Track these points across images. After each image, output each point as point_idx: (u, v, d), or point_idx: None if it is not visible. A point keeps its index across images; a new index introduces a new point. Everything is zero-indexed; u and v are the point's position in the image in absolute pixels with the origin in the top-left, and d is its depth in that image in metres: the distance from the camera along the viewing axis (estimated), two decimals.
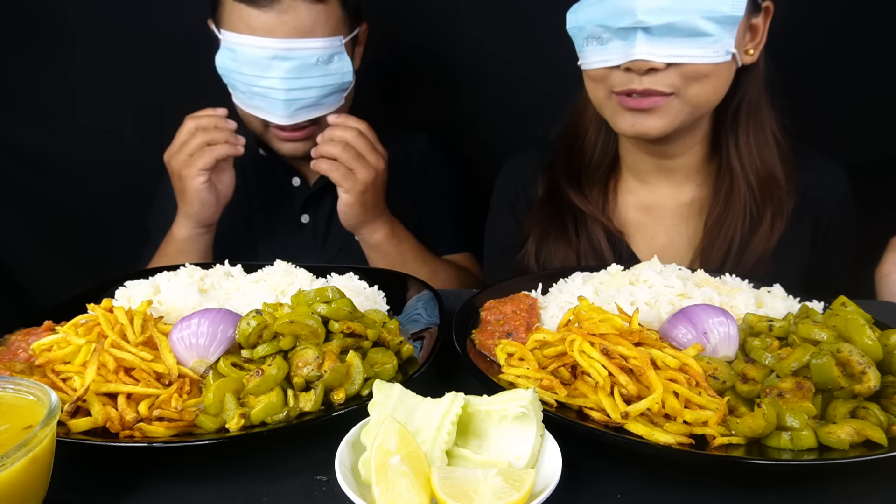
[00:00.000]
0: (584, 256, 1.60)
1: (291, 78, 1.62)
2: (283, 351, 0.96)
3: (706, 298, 1.14)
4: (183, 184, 1.66)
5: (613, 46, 1.36)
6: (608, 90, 1.43)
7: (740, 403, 0.92)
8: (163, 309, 1.16)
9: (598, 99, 1.48)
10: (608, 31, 1.35)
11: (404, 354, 1.06)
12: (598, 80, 1.44)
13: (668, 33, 1.30)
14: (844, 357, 0.87)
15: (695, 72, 1.34)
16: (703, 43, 1.30)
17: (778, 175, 1.52)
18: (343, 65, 1.69)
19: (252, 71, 1.62)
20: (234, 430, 0.87)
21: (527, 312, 1.17)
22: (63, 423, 0.87)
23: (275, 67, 1.61)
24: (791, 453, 0.83)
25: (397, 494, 0.70)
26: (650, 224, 1.65)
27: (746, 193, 1.51)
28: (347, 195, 1.66)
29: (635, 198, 1.66)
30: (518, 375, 0.98)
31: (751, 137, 1.51)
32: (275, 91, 1.62)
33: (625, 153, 1.65)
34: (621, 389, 0.90)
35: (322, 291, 1.03)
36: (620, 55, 1.35)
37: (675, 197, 1.63)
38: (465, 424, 0.82)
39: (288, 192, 1.97)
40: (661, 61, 1.32)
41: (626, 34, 1.33)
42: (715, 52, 1.32)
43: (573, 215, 1.63)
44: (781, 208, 1.51)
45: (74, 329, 1.05)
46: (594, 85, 1.47)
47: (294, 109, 1.67)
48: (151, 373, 0.97)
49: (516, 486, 0.71)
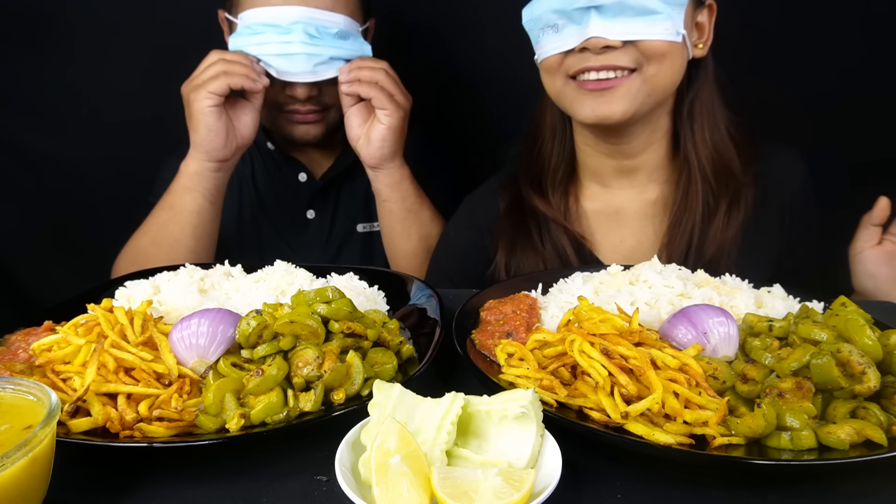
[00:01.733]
0: (550, 263, 1.61)
1: (309, 41, 1.64)
2: (283, 351, 0.96)
3: (706, 298, 1.14)
4: (190, 107, 1.66)
5: (568, 31, 1.40)
6: (564, 76, 1.46)
7: (740, 403, 0.92)
8: (163, 309, 1.16)
9: (556, 89, 1.50)
10: (563, 16, 1.39)
11: (404, 354, 1.06)
12: (554, 68, 1.46)
13: (620, 12, 1.35)
14: (844, 357, 0.87)
15: (651, 48, 1.38)
16: (653, 20, 1.36)
17: (734, 167, 1.55)
18: (361, 45, 1.72)
19: (273, 38, 1.64)
20: (234, 430, 0.87)
21: (527, 312, 1.17)
22: (63, 423, 0.87)
23: (295, 31, 1.63)
24: (791, 453, 0.83)
25: (397, 494, 0.70)
26: (616, 228, 1.66)
27: (702, 185, 1.54)
28: (390, 118, 1.67)
29: (599, 203, 1.67)
30: (518, 375, 0.98)
31: (706, 132, 1.55)
32: (294, 45, 1.64)
33: (585, 158, 1.65)
34: (621, 389, 0.90)
35: (322, 291, 1.03)
36: (576, 38, 1.38)
37: (640, 197, 1.64)
38: (465, 424, 0.82)
39: (294, 187, 1.99)
40: (617, 38, 1.36)
41: (580, 16, 1.37)
42: (665, 29, 1.37)
43: (537, 222, 1.65)
44: (738, 198, 1.53)
45: (74, 329, 1.04)
46: (550, 76, 1.49)
47: (314, 64, 1.68)
48: (151, 373, 0.97)
49: (516, 486, 0.71)
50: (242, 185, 1.99)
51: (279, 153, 1.99)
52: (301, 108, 1.81)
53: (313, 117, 1.83)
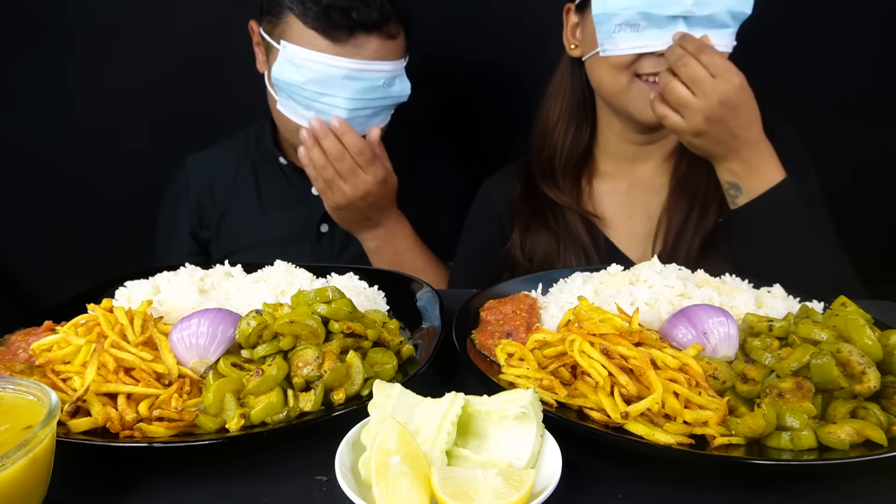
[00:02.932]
0: (563, 242, 1.67)
1: (357, 98, 1.63)
2: (283, 351, 0.96)
3: (706, 298, 1.14)
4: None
5: (651, 34, 1.43)
6: (631, 75, 1.50)
7: (740, 403, 0.92)
8: (163, 309, 1.16)
9: (618, 85, 1.53)
10: (647, 18, 1.42)
11: (404, 354, 1.06)
12: (624, 66, 1.49)
13: (704, 24, 1.41)
14: (844, 357, 0.87)
15: None
16: (724, 33, 1.44)
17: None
18: (403, 87, 1.70)
19: (318, 88, 1.61)
20: (234, 430, 0.87)
21: (527, 312, 1.17)
22: (63, 423, 0.87)
23: (344, 87, 1.60)
24: (791, 453, 0.83)
25: (397, 494, 0.70)
26: (627, 204, 1.72)
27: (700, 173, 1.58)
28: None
29: (612, 182, 1.74)
30: (518, 375, 0.98)
31: None
32: (337, 109, 1.62)
33: (606, 143, 1.72)
34: (621, 389, 0.90)
35: (322, 291, 1.03)
36: (662, 42, 1.42)
37: (651, 175, 1.71)
38: (465, 424, 0.82)
39: (308, 201, 1.95)
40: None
41: (668, 22, 1.42)
42: (729, 42, 1.46)
43: (551, 206, 1.71)
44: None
45: (74, 329, 1.04)
46: (615, 72, 1.52)
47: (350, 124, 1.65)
48: (151, 373, 0.97)
49: (516, 486, 0.71)
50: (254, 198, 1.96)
51: (291, 168, 1.95)
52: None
53: None
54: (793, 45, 1.99)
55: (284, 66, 1.63)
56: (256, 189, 1.97)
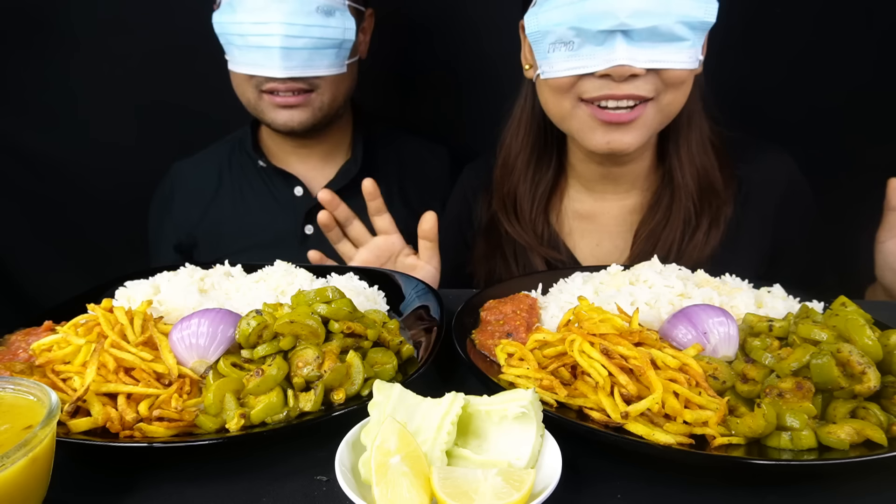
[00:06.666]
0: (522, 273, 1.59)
1: (289, 23, 1.55)
2: (283, 351, 0.96)
3: (706, 298, 1.14)
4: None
5: (587, 52, 1.28)
6: (575, 99, 1.36)
7: (740, 403, 0.91)
8: (163, 309, 1.16)
9: (562, 110, 1.40)
10: (581, 34, 1.26)
11: (404, 354, 1.06)
12: (564, 89, 1.35)
13: (649, 38, 1.25)
14: (844, 357, 0.87)
15: (673, 77, 1.32)
16: (680, 48, 1.28)
17: (717, 183, 1.51)
18: (345, 21, 1.62)
19: (249, 18, 1.56)
20: (234, 430, 0.87)
21: (527, 312, 1.17)
22: (63, 423, 0.87)
23: (272, 10, 1.54)
24: (791, 453, 0.83)
25: (397, 494, 0.70)
26: (594, 231, 1.63)
27: (686, 203, 1.50)
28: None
29: (581, 205, 1.64)
30: (518, 375, 0.98)
31: (692, 146, 1.50)
32: (271, 38, 1.56)
33: (575, 162, 1.61)
34: (621, 389, 0.90)
35: (322, 291, 1.03)
36: (600, 61, 1.27)
37: (620, 204, 1.62)
38: (465, 424, 0.82)
39: (290, 203, 1.92)
40: (644, 66, 1.27)
41: (604, 38, 1.25)
42: (689, 57, 1.30)
43: (512, 244, 1.61)
44: (718, 217, 1.51)
45: (74, 329, 1.04)
46: (557, 96, 1.38)
47: (291, 60, 1.59)
48: (151, 373, 0.97)
49: (516, 486, 0.71)
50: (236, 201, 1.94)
51: (272, 170, 1.92)
52: (280, 87, 1.66)
53: (295, 100, 1.68)
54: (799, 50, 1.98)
55: (221, 10, 1.61)
56: (241, 193, 1.94)
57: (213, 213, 1.95)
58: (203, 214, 1.95)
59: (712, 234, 1.50)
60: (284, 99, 1.69)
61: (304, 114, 1.72)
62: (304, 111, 1.72)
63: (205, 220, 1.95)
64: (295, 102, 1.70)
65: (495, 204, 1.65)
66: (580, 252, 1.63)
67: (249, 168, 1.96)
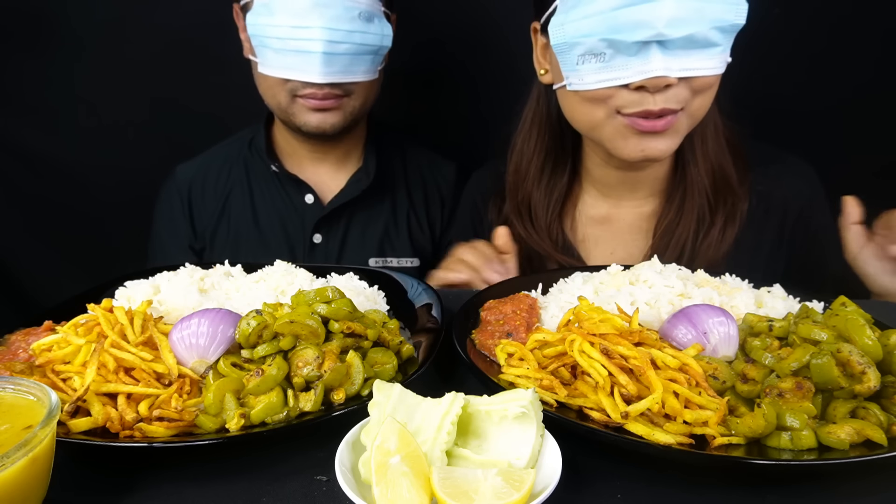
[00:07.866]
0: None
1: (331, 28, 1.54)
2: (283, 351, 0.96)
3: (706, 298, 1.14)
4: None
5: (620, 62, 1.24)
6: (611, 111, 1.33)
7: (740, 403, 0.91)
8: (163, 309, 1.16)
9: (595, 120, 1.37)
10: (613, 45, 1.23)
11: (404, 354, 1.06)
12: (599, 100, 1.32)
13: (683, 46, 1.22)
14: (844, 357, 0.87)
15: (703, 84, 1.30)
16: (711, 54, 1.25)
17: (732, 178, 1.50)
18: (383, 27, 1.63)
19: (289, 21, 1.54)
20: (234, 430, 0.87)
21: (527, 312, 1.17)
22: (63, 423, 0.87)
23: (315, 15, 1.53)
24: (791, 453, 0.83)
25: (397, 494, 0.70)
26: (609, 238, 1.61)
27: (700, 200, 1.49)
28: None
29: (597, 210, 1.62)
30: (518, 375, 0.98)
31: (707, 142, 1.49)
32: (312, 43, 1.54)
33: (592, 167, 1.59)
34: (621, 389, 0.90)
35: (322, 291, 1.03)
36: (634, 72, 1.24)
37: (637, 210, 1.60)
38: (465, 424, 0.82)
39: (300, 210, 1.90)
40: (677, 75, 1.25)
41: (638, 49, 1.22)
42: (720, 62, 1.28)
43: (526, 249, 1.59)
44: (734, 213, 1.49)
45: (74, 329, 1.04)
46: (590, 106, 1.35)
47: (331, 66, 1.59)
48: (151, 373, 0.97)
49: (516, 486, 0.71)
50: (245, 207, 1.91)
51: (284, 175, 1.89)
52: (318, 93, 1.66)
53: (331, 103, 1.68)
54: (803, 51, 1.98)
55: (257, 12, 1.59)
56: (250, 196, 1.92)
57: (222, 215, 1.93)
58: (213, 216, 1.93)
59: (728, 231, 1.48)
60: (321, 102, 1.69)
61: (336, 117, 1.72)
62: (337, 114, 1.72)
63: (215, 221, 1.93)
64: (330, 106, 1.71)
65: (510, 210, 1.63)
66: (595, 259, 1.61)
67: (260, 171, 1.93)
